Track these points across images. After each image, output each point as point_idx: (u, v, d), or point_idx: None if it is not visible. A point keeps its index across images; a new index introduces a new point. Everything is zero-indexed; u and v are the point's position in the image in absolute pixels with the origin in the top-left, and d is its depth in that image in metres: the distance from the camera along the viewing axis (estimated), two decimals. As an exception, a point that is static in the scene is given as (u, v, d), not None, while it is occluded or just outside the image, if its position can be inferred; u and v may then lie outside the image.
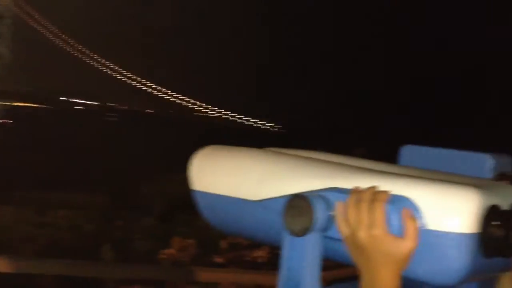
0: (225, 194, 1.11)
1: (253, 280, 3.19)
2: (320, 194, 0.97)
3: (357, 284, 0.97)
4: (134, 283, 3.98)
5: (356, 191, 0.95)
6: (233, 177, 1.11)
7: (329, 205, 0.96)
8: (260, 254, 3.77)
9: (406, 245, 0.90)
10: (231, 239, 4.24)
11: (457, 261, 0.89)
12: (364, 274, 0.95)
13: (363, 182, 0.96)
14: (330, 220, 0.97)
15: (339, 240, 0.97)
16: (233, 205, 1.10)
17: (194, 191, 1.17)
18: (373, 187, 0.94)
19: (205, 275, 2.93)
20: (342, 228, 0.96)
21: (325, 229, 0.97)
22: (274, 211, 1.02)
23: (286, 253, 0.99)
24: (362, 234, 0.92)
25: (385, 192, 0.93)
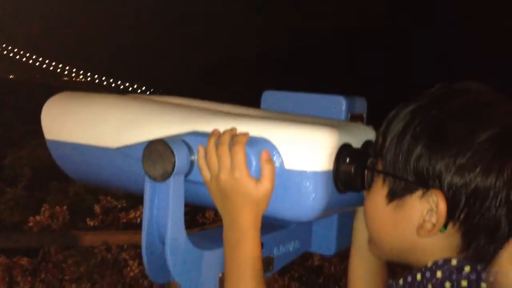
0: (81, 143, 1.06)
1: (129, 240, 3.15)
2: (179, 138, 0.95)
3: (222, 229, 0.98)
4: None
5: (214, 134, 0.94)
6: (89, 124, 1.06)
7: (189, 149, 0.95)
8: (137, 214, 3.72)
9: (263, 186, 0.92)
10: (106, 202, 4.15)
11: (314, 198, 0.92)
12: (225, 217, 0.96)
13: (223, 125, 0.96)
14: (191, 164, 0.96)
15: (201, 183, 0.97)
16: (91, 154, 1.06)
17: (48, 140, 1.10)
18: (231, 130, 0.94)
19: (79, 238, 2.84)
20: (203, 172, 0.95)
21: (186, 173, 0.96)
22: (134, 158, 0.99)
23: (148, 200, 0.97)
24: (223, 177, 0.92)
25: (244, 134, 0.93)
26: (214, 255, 1.01)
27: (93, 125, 1.06)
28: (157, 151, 0.92)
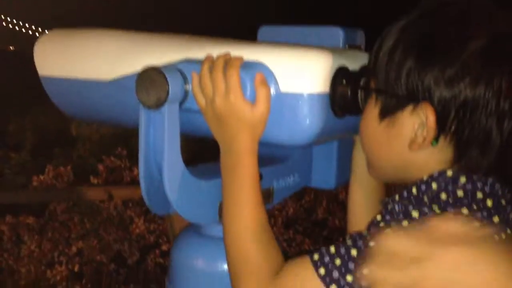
0: (75, 77, 1.05)
1: (133, 194, 3.17)
2: (172, 65, 0.94)
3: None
4: (6, 212, 3.80)
5: (208, 59, 0.93)
6: (82, 58, 1.05)
7: (183, 77, 0.94)
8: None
9: (259, 109, 0.91)
10: (109, 162, 4.15)
11: (310, 120, 0.91)
12: (222, 142, 0.96)
13: (216, 51, 0.95)
14: (186, 93, 0.95)
15: (196, 111, 0.96)
16: (85, 88, 1.05)
17: (41, 77, 1.09)
18: (225, 55, 0.93)
19: (83, 192, 2.86)
20: (198, 98, 0.94)
21: (181, 101, 0.95)
22: (128, 89, 0.98)
23: (143, 130, 0.96)
24: (218, 102, 0.91)
25: (238, 58, 0.92)
26: (212, 184, 1.01)
27: (86, 58, 1.04)
28: (150, 78, 0.91)
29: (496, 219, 0.81)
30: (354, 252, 0.82)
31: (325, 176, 1.23)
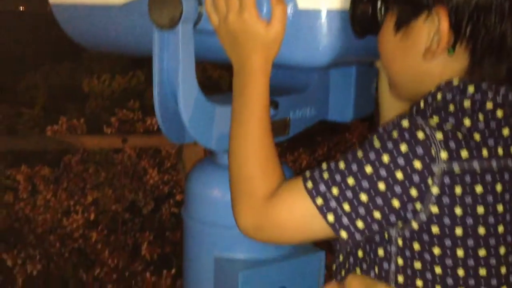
0: (86, 3, 1.02)
1: (147, 143, 3.18)
2: (186, -16, 0.91)
3: None
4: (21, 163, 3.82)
5: None
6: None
7: (197, -3, 0.91)
8: (153, 121, 3.73)
9: (274, 28, 0.88)
10: (122, 115, 4.14)
11: (329, 39, 0.88)
12: (235, 63, 0.93)
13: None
14: (199, 13, 0.92)
15: (211, 32, 0.93)
16: (97, 13, 1.02)
17: (52, 5, 1.07)
18: None
19: (97, 140, 2.86)
20: (212, 17, 0.92)
21: (195, 22, 0.92)
22: (140, 12, 0.95)
23: (157, 52, 0.93)
24: (232, 19, 0.89)
25: None
26: (228, 110, 0.99)
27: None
28: (163, -4, 0.88)
29: (506, 131, 0.80)
30: (342, 165, 0.82)
31: (342, 108, 1.21)
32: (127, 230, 3.74)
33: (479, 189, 0.77)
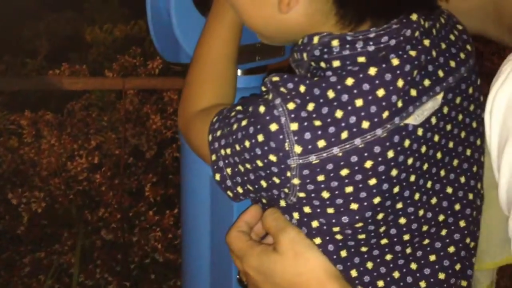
0: None
1: (148, 84, 3.19)
2: None
3: None
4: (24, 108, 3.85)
5: None
6: None
7: None
8: (155, 65, 3.69)
9: None
10: (124, 61, 4.11)
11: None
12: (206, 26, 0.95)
13: None
14: None
15: None
16: None
17: None
18: None
19: (100, 82, 2.87)
20: None
21: None
22: None
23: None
24: None
25: None
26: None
27: None
28: None
29: (401, 82, 0.73)
30: (235, 126, 0.80)
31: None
32: (130, 173, 3.79)
33: (344, 172, 0.74)
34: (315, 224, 0.78)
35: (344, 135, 0.72)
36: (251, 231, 0.87)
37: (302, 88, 0.72)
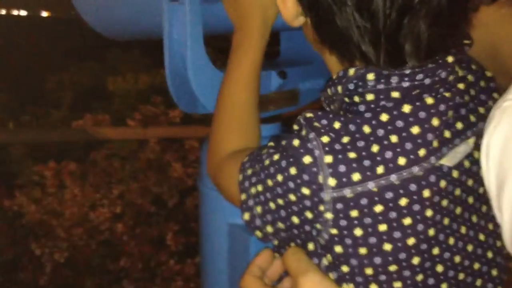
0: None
1: (169, 133, 3.23)
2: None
3: None
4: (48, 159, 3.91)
5: None
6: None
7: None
8: (175, 114, 3.80)
9: None
10: (145, 110, 4.21)
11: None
12: (235, 23, 0.97)
13: None
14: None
15: (216, 1, 0.96)
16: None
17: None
18: None
19: (122, 132, 2.92)
20: None
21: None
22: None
23: (167, 24, 0.97)
24: None
25: None
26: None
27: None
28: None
29: (436, 121, 0.71)
30: (267, 162, 0.78)
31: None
32: (152, 222, 3.80)
33: (378, 208, 0.71)
34: (345, 268, 0.74)
35: (380, 170, 0.69)
36: (264, 276, 0.84)
37: (336, 125, 0.71)
